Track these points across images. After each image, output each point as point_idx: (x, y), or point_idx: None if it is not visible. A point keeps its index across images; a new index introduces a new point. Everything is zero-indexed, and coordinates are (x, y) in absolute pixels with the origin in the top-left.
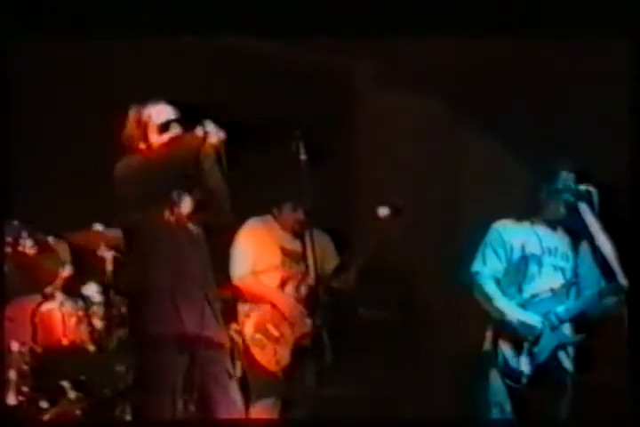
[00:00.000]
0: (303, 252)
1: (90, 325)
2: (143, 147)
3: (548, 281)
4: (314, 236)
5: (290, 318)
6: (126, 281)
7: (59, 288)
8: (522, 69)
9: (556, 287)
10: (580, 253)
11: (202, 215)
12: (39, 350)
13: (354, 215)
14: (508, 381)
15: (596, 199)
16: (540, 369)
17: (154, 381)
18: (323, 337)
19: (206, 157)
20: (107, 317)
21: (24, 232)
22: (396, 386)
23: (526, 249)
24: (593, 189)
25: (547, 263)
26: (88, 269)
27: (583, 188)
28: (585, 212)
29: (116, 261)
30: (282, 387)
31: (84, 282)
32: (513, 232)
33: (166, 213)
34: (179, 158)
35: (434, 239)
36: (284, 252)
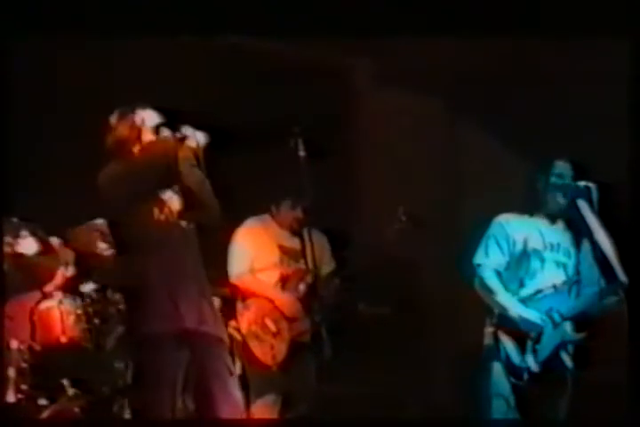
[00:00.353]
0: (302, 249)
1: (88, 323)
2: (137, 150)
3: (550, 277)
4: (312, 234)
5: (288, 315)
6: (122, 279)
7: (58, 287)
8: (522, 69)
9: (558, 284)
10: (582, 251)
11: (191, 213)
12: (38, 347)
13: (353, 214)
14: (510, 377)
15: (595, 196)
16: (541, 367)
17: (153, 378)
18: (322, 334)
19: (184, 160)
20: (105, 315)
21: (24, 230)
22: (395, 383)
23: (529, 244)
24: (592, 186)
25: (549, 259)
26: (86, 268)
27: (582, 184)
28: (584, 208)
29: (114, 258)
30: (281, 384)
31: (82, 280)
32: (516, 226)
33: (155, 212)
34: (156, 162)
35: (434, 236)
36: (282, 250)
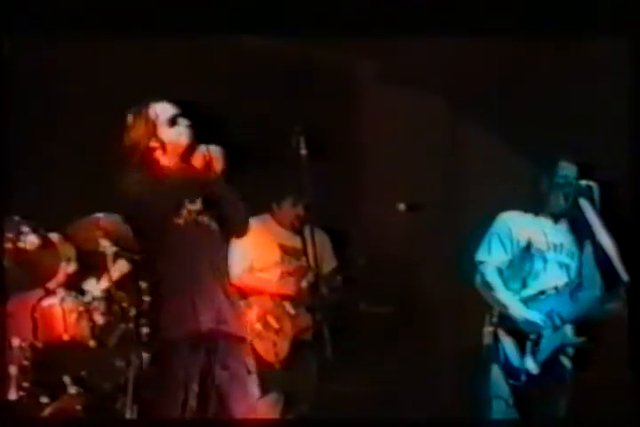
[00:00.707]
0: (303, 248)
1: (90, 320)
2: (155, 144)
3: (552, 278)
4: (314, 232)
5: (290, 312)
6: (144, 278)
7: (61, 284)
8: (522, 69)
9: (560, 286)
10: (584, 253)
11: (215, 211)
12: (40, 345)
13: (354, 213)
14: (508, 378)
15: (597, 196)
16: (540, 369)
17: (170, 377)
18: (324, 332)
19: (213, 182)
20: (107, 312)
21: (25, 227)
22: (397, 382)
23: (532, 243)
24: (594, 185)
25: (552, 260)
26: (89, 264)
27: (584, 183)
28: (586, 208)
29: (117, 255)
30: (283, 382)
31: (84, 277)
32: (520, 224)
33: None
34: (186, 184)
35: (436, 235)
36: (282, 249)
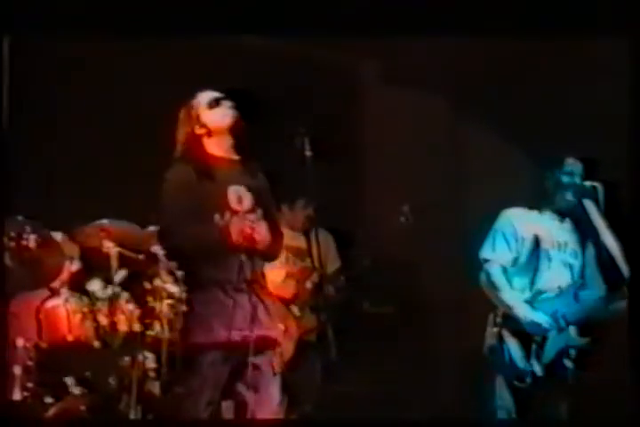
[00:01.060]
0: (308, 248)
1: (95, 321)
2: (201, 131)
3: (556, 278)
4: (318, 233)
5: (295, 314)
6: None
7: (65, 284)
8: (522, 69)
9: (563, 286)
10: (587, 254)
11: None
12: (44, 345)
13: (357, 213)
14: (512, 379)
15: (601, 196)
16: (544, 370)
17: (200, 379)
18: (328, 333)
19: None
20: (111, 313)
21: (27, 227)
22: (400, 382)
23: (537, 241)
24: (598, 185)
25: (556, 258)
26: (93, 265)
27: (589, 184)
28: (590, 209)
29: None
30: (287, 383)
31: (88, 278)
32: (524, 222)
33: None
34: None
35: (440, 236)
36: (287, 249)
